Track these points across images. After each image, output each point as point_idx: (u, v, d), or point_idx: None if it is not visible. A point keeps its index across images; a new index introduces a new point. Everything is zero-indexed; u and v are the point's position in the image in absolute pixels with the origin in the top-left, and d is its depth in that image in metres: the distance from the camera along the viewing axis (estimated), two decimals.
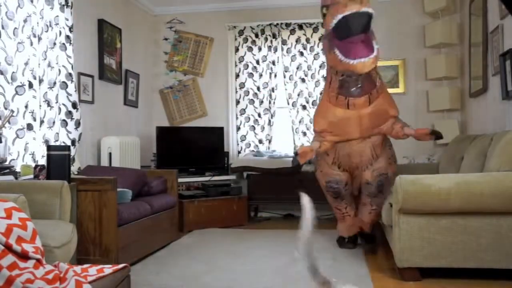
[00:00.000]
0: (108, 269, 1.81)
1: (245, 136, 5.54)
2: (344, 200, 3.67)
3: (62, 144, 3.61)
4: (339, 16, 3.09)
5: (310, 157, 3.51)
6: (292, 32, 5.42)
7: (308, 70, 5.41)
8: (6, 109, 3.06)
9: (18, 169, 3.05)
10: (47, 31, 3.51)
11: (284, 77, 5.44)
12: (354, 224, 3.70)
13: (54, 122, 3.57)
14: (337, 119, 3.44)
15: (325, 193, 3.74)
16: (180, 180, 4.70)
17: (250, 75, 5.54)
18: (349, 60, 3.10)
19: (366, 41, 3.20)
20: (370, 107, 3.41)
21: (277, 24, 5.44)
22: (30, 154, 3.31)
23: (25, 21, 3.25)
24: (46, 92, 3.50)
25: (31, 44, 3.32)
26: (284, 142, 5.51)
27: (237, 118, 5.56)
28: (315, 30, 5.38)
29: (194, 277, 2.95)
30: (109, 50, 4.58)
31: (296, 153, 3.46)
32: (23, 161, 3.22)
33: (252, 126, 5.53)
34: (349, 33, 3.15)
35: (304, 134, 5.38)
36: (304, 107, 5.39)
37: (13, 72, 3.13)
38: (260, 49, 5.53)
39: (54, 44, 3.59)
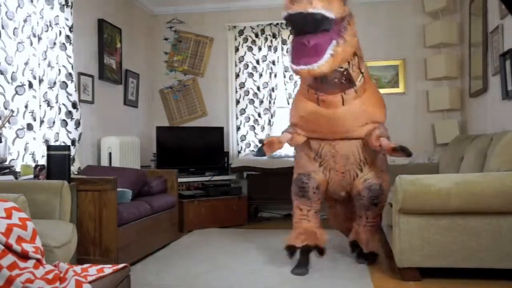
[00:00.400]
0: (108, 269, 1.81)
1: (245, 136, 5.54)
2: (310, 202, 3.17)
3: (62, 144, 3.61)
4: (284, 14, 2.71)
5: (278, 149, 3.12)
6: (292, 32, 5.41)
7: None
8: (6, 109, 3.06)
9: (18, 169, 3.05)
10: (47, 31, 3.51)
11: (284, 77, 5.44)
12: (309, 233, 3.12)
13: (54, 122, 3.57)
14: (306, 114, 3.08)
15: (292, 187, 3.28)
16: (180, 180, 4.70)
17: (250, 75, 5.54)
18: (293, 65, 2.64)
19: (319, 43, 2.63)
20: (344, 107, 2.96)
21: (277, 24, 5.44)
22: (30, 154, 3.31)
23: (25, 21, 3.25)
24: (46, 92, 3.50)
25: (31, 44, 3.32)
26: None
27: (237, 118, 5.56)
28: None
29: (194, 277, 2.95)
30: (109, 50, 4.58)
31: (261, 142, 3.04)
32: (23, 161, 3.22)
33: (252, 126, 5.53)
34: (297, 32, 2.71)
35: None
36: None
37: (13, 72, 3.13)
38: (260, 49, 5.53)
39: (54, 44, 3.59)
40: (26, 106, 3.26)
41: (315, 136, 3.15)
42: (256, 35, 5.53)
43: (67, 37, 3.72)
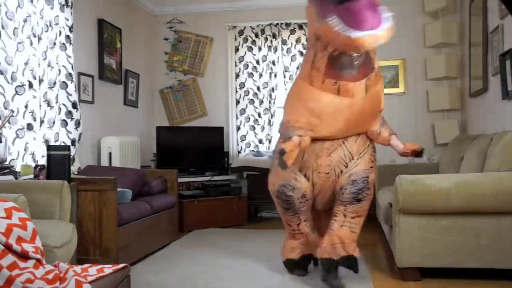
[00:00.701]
0: (108, 269, 1.81)
1: (245, 136, 5.54)
2: (298, 215, 2.81)
3: (62, 144, 3.61)
4: None
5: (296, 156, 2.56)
6: (292, 32, 5.42)
7: None
8: (6, 109, 3.06)
9: (18, 169, 3.05)
10: (47, 31, 3.51)
11: (284, 77, 5.44)
12: (308, 243, 2.89)
13: (54, 122, 3.57)
14: (320, 108, 2.54)
15: (274, 202, 2.92)
16: (180, 180, 4.70)
17: (250, 75, 5.54)
18: (354, 32, 2.17)
19: (375, 6, 2.28)
20: (367, 97, 2.57)
21: (277, 24, 5.44)
22: (30, 154, 3.31)
23: (25, 21, 3.25)
24: (46, 92, 3.50)
25: (31, 44, 3.32)
26: None
27: (237, 118, 5.56)
28: None
29: (194, 277, 2.95)
30: (109, 50, 4.58)
31: (283, 152, 2.43)
32: (23, 161, 3.22)
33: (252, 126, 5.53)
34: None
35: None
36: None
37: (13, 72, 3.13)
38: (260, 49, 5.53)
39: (54, 44, 3.59)
40: (26, 106, 3.26)
41: (318, 135, 2.62)
42: (256, 35, 5.53)
43: (67, 37, 3.72)
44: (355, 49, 2.31)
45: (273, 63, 5.48)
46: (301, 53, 5.40)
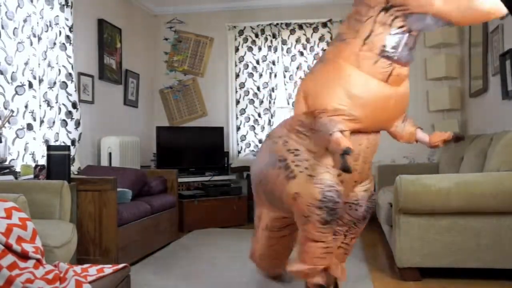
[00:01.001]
0: (108, 269, 1.81)
1: (245, 136, 5.54)
2: (333, 227, 2.26)
3: (62, 144, 3.61)
4: None
5: None
6: (292, 32, 5.42)
7: (308, 70, 5.41)
8: (6, 109, 3.06)
9: (18, 169, 3.05)
10: (47, 31, 3.51)
11: (284, 77, 5.44)
12: (334, 263, 2.37)
13: (54, 122, 3.57)
14: (367, 95, 2.10)
15: (308, 217, 2.17)
16: (180, 180, 4.70)
17: (250, 75, 5.54)
18: None
19: None
20: (404, 86, 2.23)
21: (277, 24, 5.44)
22: (30, 154, 3.31)
23: (25, 21, 3.25)
24: (46, 92, 3.50)
25: (31, 44, 3.32)
26: None
27: (237, 118, 5.56)
28: (315, 30, 5.38)
29: (194, 277, 2.96)
30: (109, 50, 4.58)
31: (347, 152, 1.92)
32: (23, 161, 3.22)
33: (252, 126, 5.53)
34: None
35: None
36: None
37: (13, 72, 3.13)
38: (260, 49, 5.53)
39: (54, 44, 3.59)
40: (26, 106, 3.26)
41: (357, 127, 2.16)
42: (256, 35, 5.53)
43: (67, 37, 3.72)
44: (490, 17, 1.96)
45: (273, 63, 5.48)
46: (301, 53, 5.40)
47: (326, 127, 2.10)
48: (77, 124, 3.78)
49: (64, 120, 3.68)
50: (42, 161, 3.35)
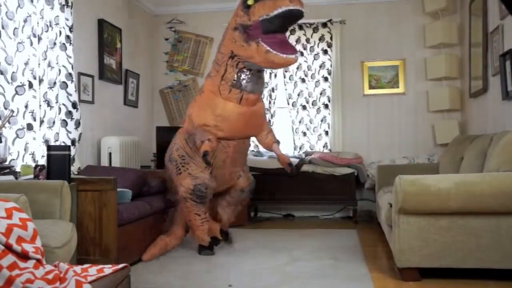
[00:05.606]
0: (108, 269, 1.81)
1: None
2: (206, 206, 3.50)
3: (62, 144, 3.61)
4: (282, 9, 2.93)
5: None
6: (292, 32, 5.42)
7: (308, 70, 5.41)
8: (6, 109, 3.06)
9: (18, 169, 3.05)
10: (47, 31, 3.51)
11: (284, 77, 5.44)
12: (211, 228, 3.64)
13: (54, 122, 3.57)
14: (227, 113, 3.29)
15: (183, 199, 3.44)
16: None
17: None
18: (287, 55, 3.02)
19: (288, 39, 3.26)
20: (256, 106, 3.40)
21: None
22: (30, 154, 3.31)
23: (25, 21, 3.26)
24: (46, 92, 3.50)
25: (31, 44, 3.32)
26: (284, 142, 5.51)
27: None
28: (315, 30, 5.38)
29: (194, 276, 2.96)
30: (109, 50, 4.58)
31: (206, 153, 3.25)
32: (23, 161, 3.22)
33: None
34: (282, 28, 3.12)
35: (304, 134, 5.39)
36: (304, 107, 5.40)
37: (13, 72, 3.13)
38: None
39: (54, 44, 3.59)
40: (26, 106, 3.26)
41: (226, 135, 3.37)
42: None
43: (67, 37, 3.72)
44: (286, 66, 3.35)
45: None
46: (301, 53, 5.40)
47: (198, 136, 3.32)
48: (77, 124, 3.78)
49: (64, 120, 3.68)
50: (42, 161, 3.35)
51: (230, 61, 3.29)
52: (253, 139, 4.03)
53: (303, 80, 5.41)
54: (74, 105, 3.76)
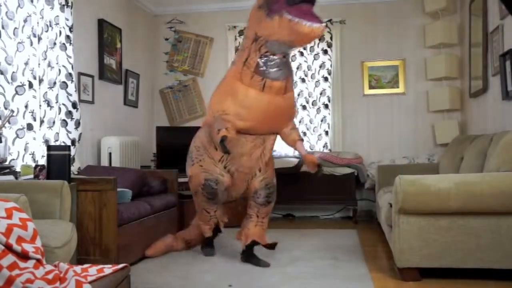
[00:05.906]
0: (108, 269, 1.81)
1: None
2: (217, 204, 3.38)
3: (62, 144, 3.61)
4: None
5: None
6: None
7: (308, 70, 5.41)
8: (6, 109, 3.06)
9: (18, 169, 3.05)
10: (47, 31, 3.51)
11: None
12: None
13: (54, 122, 3.57)
14: (249, 101, 3.01)
15: (195, 192, 3.36)
16: (180, 180, 4.69)
17: None
18: (311, 24, 2.71)
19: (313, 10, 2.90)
20: (284, 96, 3.07)
21: None
22: (30, 154, 3.31)
23: (25, 21, 3.26)
24: (46, 92, 3.50)
25: (31, 44, 3.32)
26: None
27: None
28: None
29: (194, 276, 2.96)
30: (109, 50, 4.58)
31: (224, 139, 2.92)
32: (23, 161, 3.22)
33: None
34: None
35: (304, 134, 5.39)
36: (304, 107, 5.40)
37: (13, 72, 3.13)
38: None
39: (54, 44, 3.59)
40: (26, 106, 3.26)
41: (246, 125, 3.08)
42: None
43: (67, 37, 3.72)
44: (312, 37, 2.82)
45: None
46: (301, 53, 5.41)
47: (216, 124, 3.05)
48: (77, 124, 3.78)
49: (64, 120, 3.68)
50: (42, 161, 3.35)
51: (253, 45, 3.03)
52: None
53: (303, 80, 5.41)
54: (74, 105, 3.76)
